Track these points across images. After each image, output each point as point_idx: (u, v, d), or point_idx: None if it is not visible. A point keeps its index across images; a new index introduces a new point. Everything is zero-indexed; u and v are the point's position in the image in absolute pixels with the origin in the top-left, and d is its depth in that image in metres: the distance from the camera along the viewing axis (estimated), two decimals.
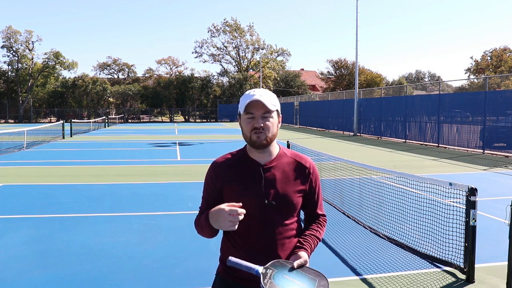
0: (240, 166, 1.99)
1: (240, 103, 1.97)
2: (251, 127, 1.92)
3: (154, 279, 4.35)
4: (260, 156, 1.99)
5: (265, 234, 1.93)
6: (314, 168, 2.08)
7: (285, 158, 2.03)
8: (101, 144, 20.68)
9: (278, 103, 1.98)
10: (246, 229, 1.93)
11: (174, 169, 12.15)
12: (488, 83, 18.36)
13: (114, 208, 7.39)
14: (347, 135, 27.98)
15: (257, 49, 56.56)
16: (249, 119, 1.93)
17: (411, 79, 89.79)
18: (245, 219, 1.88)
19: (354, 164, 7.28)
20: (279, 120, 2.01)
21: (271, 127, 1.94)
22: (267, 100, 1.91)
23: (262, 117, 1.92)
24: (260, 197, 1.93)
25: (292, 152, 2.10)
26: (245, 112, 1.93)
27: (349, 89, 48.82)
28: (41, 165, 12.91)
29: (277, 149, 2.04)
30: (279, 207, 1.94)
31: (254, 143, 1.93)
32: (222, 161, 2.04)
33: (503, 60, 49.19)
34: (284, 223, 1.96)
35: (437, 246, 5.00)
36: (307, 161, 2.07)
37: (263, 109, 1.91)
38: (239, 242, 1.97)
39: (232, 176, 1.98)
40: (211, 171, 2.04)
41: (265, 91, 1.96)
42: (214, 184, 2.01)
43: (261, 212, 1.93)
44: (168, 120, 55.90)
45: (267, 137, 1.92)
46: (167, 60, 67.20)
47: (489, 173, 11.53)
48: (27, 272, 4.48)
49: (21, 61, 52.79)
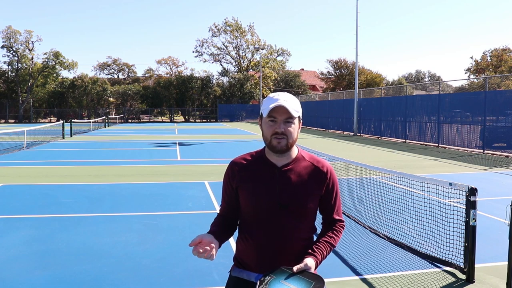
0: (257, 167, 2.01)
1: (263, 105, 1.97)
2: (272, 131, 1.92)
3: (154, 279, 4.35)
4: (278, 159, 1.99)
5: (277, 236, 1.94)
6: (332, 172, 2.07)
7: (303, 161, 2.03)
8: (101, 144, 20.68)
9: (300, 109, 1.99)
10: (259, 231, 1.96)
11: (174, 169, 12.15)
12: (488, 83, 18.37)
13: (114, 208, 7.40)
14: (347, 135, 27.98)
15: (257, 49, 56.55)
16: (271, 123, 1.93)
17: (411, 79, 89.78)
18: (259, 221, 1.94)
19: (354, 164, 7.28)
20: (299, 125, 2.01)
21: (293, 132, 1.94)
22: (291, 106, 1.91)
23: (285, 122, 1.92)
24: (274, 199, 1.93)
25: (310, 155, 2.10)
26: (268, 116, 1.92)
27: (349, 89, 48.81)
28: (41, 165, 12.91)
29: (295, 152, 2.04)
30: (292, 210, 1.94)
31: (274, 148, 1.93)
32: (239, 161, 2.06)
33: (503, 60, 49.19)
34: (298, 226, 1.96)
35: (437, 246, 5.00)
36: (325, 165, 2.06)
37: (286, 114, 1.91)
38: (252, 242, 1.98)
39: (248, 177, 1.99)
40: (228, 170, 2.07)
41: (289, 96, 1.96)
42: (230, 183, 2.04)
43: (274, 215, 1.94)
44: (168, 120, 55.90)
45: (288, 143, 1.93)
46: (167, 60, 67.17)
47: (489, 173, 11.53)
48: (27, 272, 4.48)
49: (21, 61, 52.80)
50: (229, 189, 2.06)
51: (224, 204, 2.10)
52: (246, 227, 2.03)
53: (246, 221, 2.03)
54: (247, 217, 2.02)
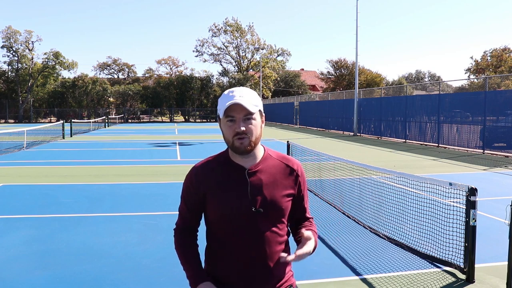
0: (223, 171, 1.83)
1: (219, 105, 1.79)
2: (233, 132, 1.75)
3: (154, 279, 4.35)
4: (244, 160, 1.82)
5: (253, 243, 1.78)
6: (302, 170, 1.94)
7: (271, 160, 1.87)
8: (101, 144, 20.69)
9: (260, 102, 1.81)
10: (233, 239, 1.79)
11: (174, 169, 12.14)
12: (488, 83, 18.37)
13: (114, 208, 7.40)
14: (347, 135, 27.98)
15: (257, 49, 56.60)
16: (229, 123, 1.76)
17: (411, 79, 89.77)
18: (232, 228, 1.78)
19: (354, 164, 7.28)
20: (262, 120, 1.84)
21: (254, 130, 1.77)
22: (247, 101, 1.73)
23: (244, 120, 1.74)
24: (247, 204, 1.77)
25: (277, 153, 1.95)
26: (225, 116, 1.75)
27: (349, 89, 48.82)
28: (41, 165, 12.91)
29: (262, 151, 1.87)
30: (267, 214, 1.78)
31: (237, 149, 1.76)
32: (203, 167, 1.88)
33: (503, 60, 49.22)
34: (274, 230, 1.81)
35: (437, 246, 5.00)
36: (295, 163, 1.92)
37: (244, 111, 1.73)
38: (226, 252, 1.82)
39: (215, 183, 1.81)
40: (191, 177, 1.88)
41: (244, 90, 1.78)
42: (195, 191, 1.85)
43: (248, 220, 1.77)
44: (168, 120, 55.92)
45: (251, 142, 1.76)
46: (167, 60, 67.26)
47: (489, 173, 11.53)
48: (27, 272, 4.48)
49: (21, 61, 52.84)
50: (192, 197, 1.87)
51: (187, 214, 1.93)
52: (217, 239, 1.86)
53: (216, 232, 1.86)
54: (217, 228, 1.84)
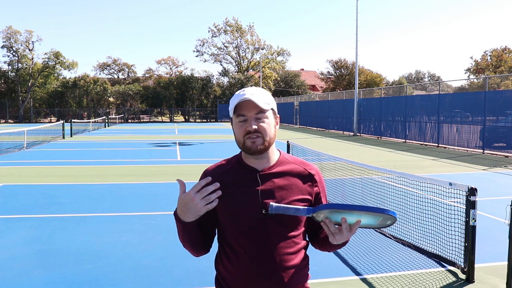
0: (234, 173, 1.77)
1: (230, 105, 1.74)
2: (244, 131, 1.68)
3: (154, 279, 4.35)
4: (257, 162, 1.75)
5: (265, 248, 1.70)
6: (321, 176, 1.85)
7: (287, 164, 1.79)
8: (101, 144, 20.68)
9: (273, 101, 1.75)
10: (244, 243, 1.72)
11: (174, 169, 12.14)
12: (488, 83, 18.37)
13: (114, 208, 7.40)
14: (347, 135, 27.97)
15: (257, 49, 56.56)
16: (241, 123, 1.70)
17: (411, 79, 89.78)
18: (243, 232, 1.72)
19: (354, 164, 7.28)
20: (276, 120, 1.77)
21: (267, 128, 1.69)
22: (259, 98, 1.67)
23: (256, 119, 1.68)
24: (257, 207, 1.70)
25: (294, 158, 1.86)
26: (236, 115, 1.70)
27: (349, 89, 48.82)
28: (41, 165, 12.91)
29: (277, 155, 1.80)
30: (279, 218, 1.70)
31: (249, 149, 1.68)
32: (214, 169, 1.81)
33: (503, 60, 49.20)
34: (287, 235, 1.72)
35: (437, 246, 5.00)
36: (312, 168, 1.83)
37: (255, 109, 1.67)
38: (237, 256, 1.74)
39: (226, 185, 1.72)
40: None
41: (256, 89, 1.73)
42: None
43: (259, 224, 1.70)
44: (168, 120, 55.90)
45: (264, 141, 1.68)
46: (167, 60, 67.20)
47: (489, 173, 11.53)
48: (27, 272, 4.48)
49: (21, 61, 52.79)
50: None
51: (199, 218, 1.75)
52: (227, 243, 1.77)
53: (227, 236, 1.77)
54: (227, 231, 1.77)
